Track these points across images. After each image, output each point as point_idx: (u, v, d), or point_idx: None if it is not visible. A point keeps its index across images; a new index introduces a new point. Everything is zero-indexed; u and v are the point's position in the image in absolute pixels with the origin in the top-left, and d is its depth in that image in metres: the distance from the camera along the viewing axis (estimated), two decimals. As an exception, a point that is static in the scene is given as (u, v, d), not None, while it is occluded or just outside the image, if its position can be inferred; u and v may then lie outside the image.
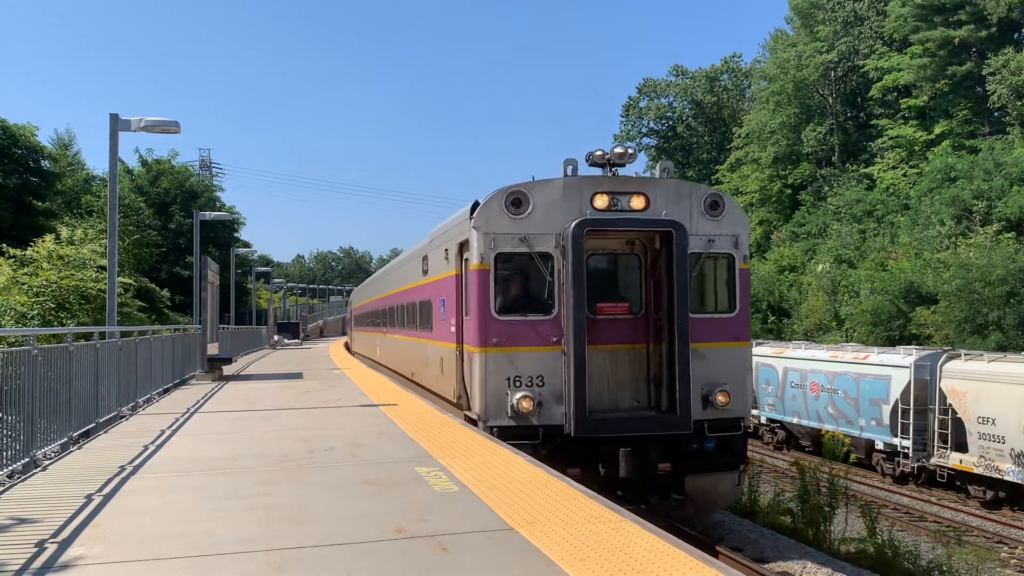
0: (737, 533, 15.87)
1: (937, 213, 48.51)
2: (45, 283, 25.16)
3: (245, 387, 20.72)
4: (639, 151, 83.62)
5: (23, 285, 25.14)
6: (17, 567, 5.77)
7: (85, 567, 5.79)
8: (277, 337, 56.64)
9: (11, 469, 9.05)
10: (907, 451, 24.16)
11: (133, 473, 9.22)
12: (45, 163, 45.67)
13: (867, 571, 14.05)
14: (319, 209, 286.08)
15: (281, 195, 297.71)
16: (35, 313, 23.58)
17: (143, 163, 62.89)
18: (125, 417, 14.57)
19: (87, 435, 12.12)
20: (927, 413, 23.68)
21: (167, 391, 19.24)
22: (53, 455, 10.57)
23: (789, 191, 69.05)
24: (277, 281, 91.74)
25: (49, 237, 29.57)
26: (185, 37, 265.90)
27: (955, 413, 22.71)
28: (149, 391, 17.33)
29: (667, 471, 12.92)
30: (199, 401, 17.05)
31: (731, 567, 5.64)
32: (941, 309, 40.36)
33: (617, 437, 12.65)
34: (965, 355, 23.54)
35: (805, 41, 68.51)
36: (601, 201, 13.08)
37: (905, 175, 58.84)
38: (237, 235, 69.25)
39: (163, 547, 6.25)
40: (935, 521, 21.28)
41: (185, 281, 50.38)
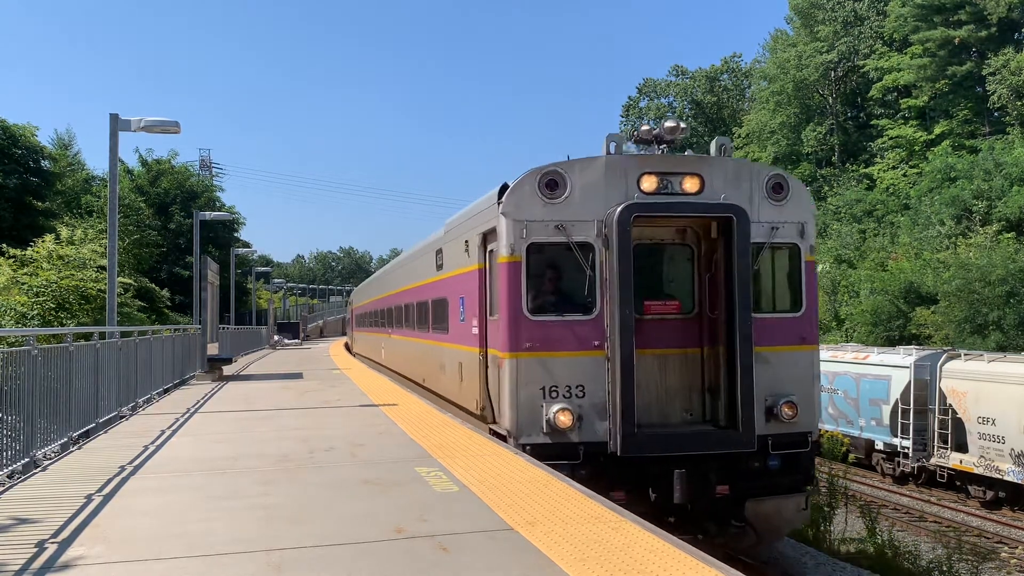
0: (737, 533, 15.86)
1: (937, 213, 48.53)
2: (45, 283, 25.18)
3: (245, 387, 20.72)
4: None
5: (23, 285, 25.15)
6: (17, 567, 5.76)
7: (85, 567, 5.79)
8: (277, 337, 56.67)
9: (11, 469, 9.06)
10: (907, 451, 24.17)
11: (133, 473, 9.22)
12: (45, 163, 45.63)
13: (867, 571, 14.05)
14: (319, 209, 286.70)
15: (281, 195, 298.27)
16: (35, 313, 23.59)
17: (143, 163, 62.88)
18: (125, 417, 14.58)
19: (87, 435, 12.12)
20: (927, 413, 23.70)
21: (167, 391, 19.25)
22: (53, 455, 10.58)
23: (789, 191, 68.92)
24: (277, 281, 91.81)
25: (49, 237, 29.58)
26: (185, 37, 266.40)
27: (955, 413, 22.72)
28: (149, 391, 17.33)
29: (724, 494, 11.47)
30: (199, 401, 17.05)
31: (731, 567, 5.63)
32: (941, 309, 40.36)
33: (670, 456, 11.11)
34: (965, 355, 23.55)
35: (805, 41, 68.54)
36: (649, 183, 11.55)
37: (905, 175, 58.86)
38: (237, 235, 69.26)
39: (163, 547, 6.25)
40: (935, 521, 21.29)
41: (185, 281, 50.37)
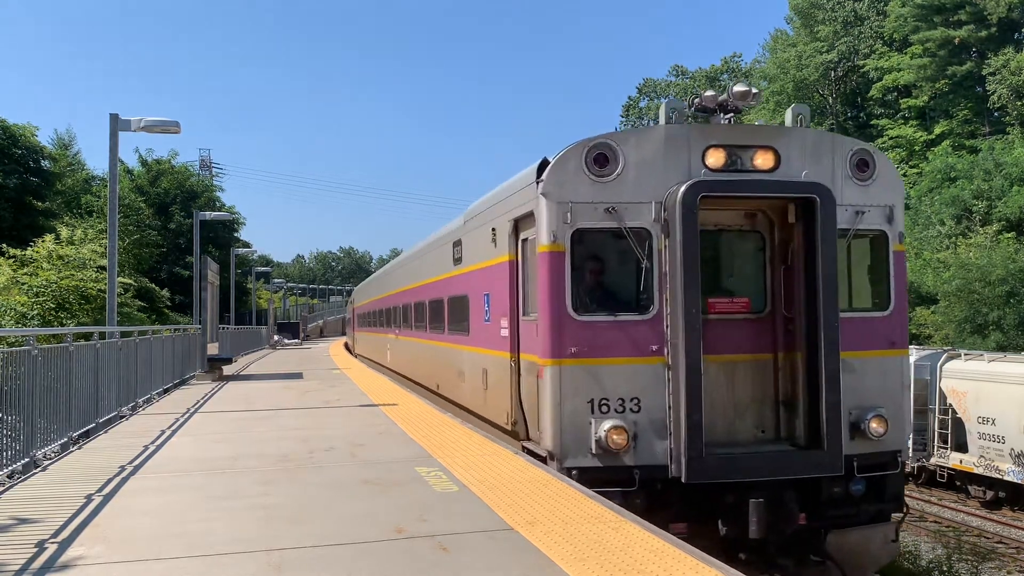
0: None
1: (937, 213, 48.51)
2: (45, 283, 25.20)
3: (245, 387, 20.72)
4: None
5: (23, 285, 25.18)
6: (17, 567, 5.77)
7: (85, 567, 5.79)
8: (277, 337, 56.69)
9: (11, 469, 9.07)
10: (907, 451, 24.18)
11: (133, 473, 9.23)
12: (45, 163, 45.66)
13: (867, 571, 14.02)
14: (319, 209, 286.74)
15: (281, 195, 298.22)
16: (35, 313, 23.61)
17: (143, 163, 62.89)
18: (125, 417, 14.58)
19: (87, 435, 12.13)
20: (927, 413, 23.69)
21: (167, 391, 19.25)
22: (53, 455, 10.58)
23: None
24: (277, 281, 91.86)
25: (49, 237, 29.60)
26: (185, 37, 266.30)
27: (955, 413, 22.73)
28: (149, 391, 17.34)
29: (801, 525, 10.05)
30: (199, 401, 17.06)
31: (730, 567, 5.63)
32: (941, 309, 40.36)
33: (745, 483, 9.55)
34: (965, 355, 23.55)
35: (805, 41, 68.51)
36: (716, 157, 9.99)
37: (905, 175, 58.79)
38: (237, 235, 69.30)
39: (163, 547, 6.25)
40: (935, 521, 21.29)
41: (185, 281, 50.37)
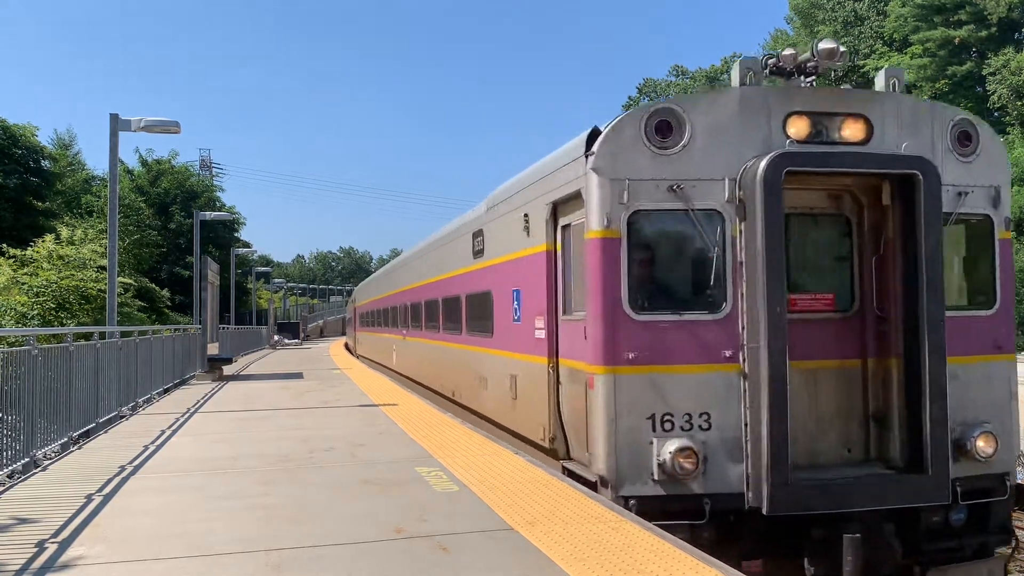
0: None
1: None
2: (45, 283, 25.21)
3: (245, 387, 20.72)
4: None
5: (23, 285, 25.19)
6: (17, 567, 5.77)
7: (85, 567, 5.79)
8: (277, 337, 56.71)
9: (11, 469, 9.07)
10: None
11: (133, 473, 9.23)
12: (45, 163, 45.70)
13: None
14: (319, 209, 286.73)
15: (281, 195, 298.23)
16: (35, 313, 23.63)
17: (143, 163, 62.89)
18: (125, 417, 14.59)
19: (87, 435, 12.13)
20: None
21: (167, 391, 19.26)
22: (53, 455, 10.59)
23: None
24: (277, 281, 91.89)
25: (49, 237, 29.63)
26: (186, 37, 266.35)
27: (955, 413, 22.69)
28: (149, 391, 17.35)
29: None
30: (199, 401, 17.06)
31: (730, 567, 5.63)
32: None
33: (837, 514, 7.92)
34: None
35: (805, 41, 68.51)
36: (799, 127, 8.44)
37: (905, 175, 58.82)
38: (237, 235, 69.28)
39: (163, 547, 6.26)
40: None
41: (185, 281, 50.37)
